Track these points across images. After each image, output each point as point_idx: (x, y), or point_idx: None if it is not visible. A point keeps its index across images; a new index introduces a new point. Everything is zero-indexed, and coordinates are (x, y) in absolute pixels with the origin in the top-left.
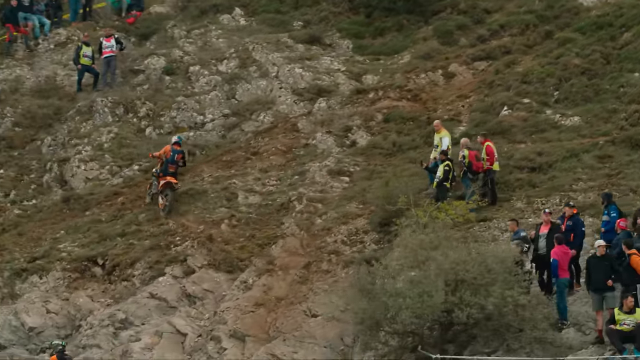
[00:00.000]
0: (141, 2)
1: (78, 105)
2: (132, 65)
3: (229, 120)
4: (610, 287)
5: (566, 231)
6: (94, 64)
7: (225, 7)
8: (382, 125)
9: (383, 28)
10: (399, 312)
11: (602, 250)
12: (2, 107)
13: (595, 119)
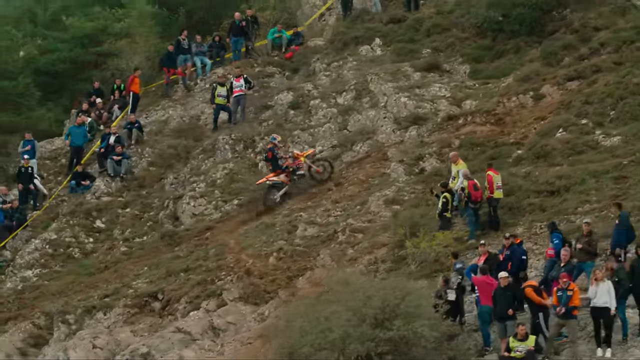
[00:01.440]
0: (300, 37)
1: (205, 143)
2: (266, 100)
3: (335, 151)
4: (511, 316)
5: (504, 260)
6: (228, 102)
7: (366, 38)
8: (447, 152)
9: (503, 51)
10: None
11: (505, 282)
12: (143, 148)
13: (634, 138)
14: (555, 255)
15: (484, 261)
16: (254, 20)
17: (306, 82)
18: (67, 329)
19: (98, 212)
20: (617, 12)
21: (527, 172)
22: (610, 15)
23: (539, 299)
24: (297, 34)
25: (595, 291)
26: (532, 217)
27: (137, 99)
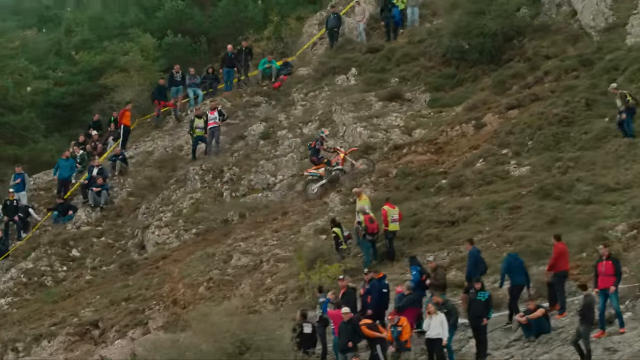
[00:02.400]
0: (289, 66)
1: (178, 174)
2: (242, 131)
3: (292, 180)
4: (351, 348)
5: (364, 295)
6: (206, 133)
7: (343, 68)
8: (389, 180)
9: (463, 79)
10: None
11: (347, 317)
12: (125, 179)
13: (541, 168)
14: (413, 285)
15: (343, 295)
16: (248, 51)
17: (282, 112)
18: (15, 356)
19: (75, 241)
20: (569, 40)
21: (436, 202)
22: (562, 43)
23: (372, 334)
24: (286, 64)
25: (429, 324)
26: (426, 248)
27: (127, 132)
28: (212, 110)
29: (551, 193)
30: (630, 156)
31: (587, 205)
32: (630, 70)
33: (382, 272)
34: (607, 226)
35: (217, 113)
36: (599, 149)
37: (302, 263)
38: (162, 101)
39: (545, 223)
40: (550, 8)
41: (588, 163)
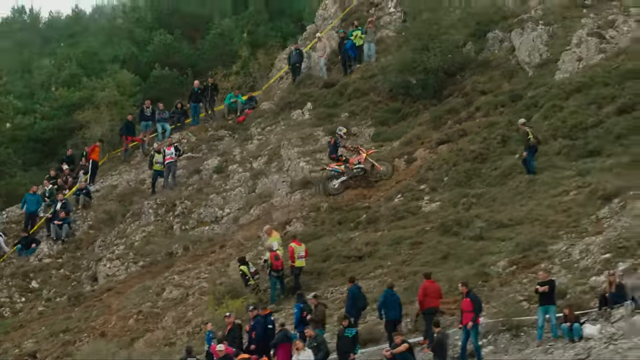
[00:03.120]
0: (254, 101)
1: (135, 207)
2: (198, 165)
3: (237, 214)
4: None
5: (250, 330)
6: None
7: (299, 102)
8: (319, 215)
9: (406, 114)
10: None
11: (221, 353)
12: (88, 212)
13: (449, 204)
14: (295, 322)
15: (229, 331)
16: (214, 87)
17: (238, 147)
18: None
19: (35, 273)
20: (506, 75)
21: (349, 238)
22: (499, 78)
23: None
24: (251, 99)
25: (297, 359)
26: (331, 282)
27: (96, 167)
28: (169, 146)
29: (450, 229)
30: (528, 193)
31: (478, 241)
32: (546, 106)
33: (269, 308)
34: (490, 262)
35: (174, 149)
36: (503, 185)
37: (211, 298)
38: (129, 136)
39: (438, 259)
40: (494, 44)
41: (489, 199)
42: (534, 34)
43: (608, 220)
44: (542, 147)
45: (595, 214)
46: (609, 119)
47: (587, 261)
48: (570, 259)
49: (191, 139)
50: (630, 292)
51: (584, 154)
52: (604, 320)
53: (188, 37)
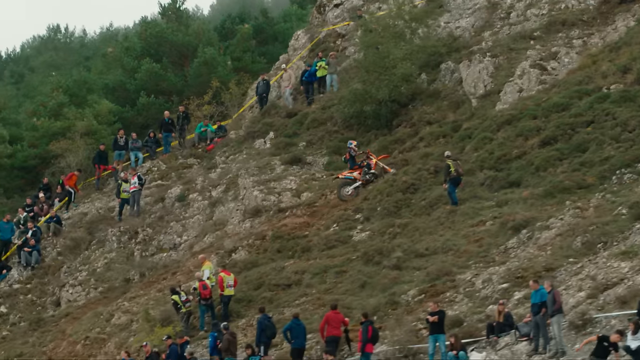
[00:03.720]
0: (223, 130)
1: (101, 234)
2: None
3: (193, 241)
4: None
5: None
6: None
7: (262, 132)
8: (263, 243)
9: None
10: None
11: None
12: (57, 239)
13: (377, 233)
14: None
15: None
16: (185, 116)
17: (201, 175)
18: None
19: (4, 298)
20: (452, 106)
21: (283, 266)
22: (446, 109)
23: None
24: (221, 128)
25: None
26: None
27: (71, 194)
28: (133, 175)
29: (373, 258)
30: (448, 223)
31: (394, 270)
32: (477, 138)
33: (185, 337)
34: (402, 291)
35: (137, 178)
36: (427, 215)
37: (143, 325)
38: (102, 165)
39: (357, 287)
40: (446, 75)
41: (413, 229)
42: (481, 66)
43: (515, 250)
44: (468, 178)
45: (504, 245)
46: (532, 151)
47: (487, 290)
48: (474, 288)
49: (162, 167)
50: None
51: (505, 185)
52: (490, 348)
53: (177, 65)
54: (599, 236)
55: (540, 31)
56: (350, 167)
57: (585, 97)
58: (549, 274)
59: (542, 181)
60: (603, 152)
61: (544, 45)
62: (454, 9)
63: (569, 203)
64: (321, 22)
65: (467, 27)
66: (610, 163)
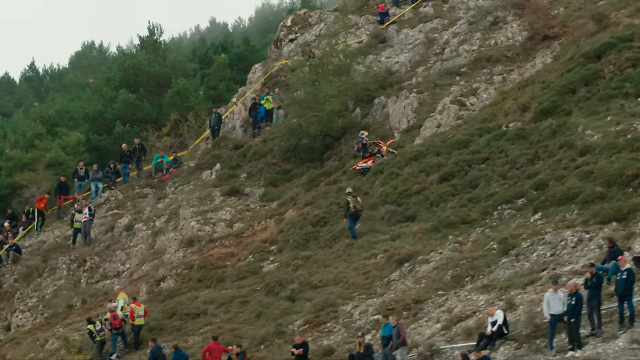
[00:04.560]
0: (179, 161)
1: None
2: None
3: (134, 269)
4: None
5: None
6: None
7: (210, 163)
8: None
9: (293, 176)
10: None
11: None
12: (16, 267)
13: (285, 265)
14: None
15: None
16: (141, 147)
17: (148, 206)
18: None
19: None
20: (381, 138)
21: (196, 296)
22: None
23: None
24: (176, 159)
25: None
26: (167, 338)
27: (42, 215)
28: (85, 206)
29: (273, 289)
30: (345, 256)
31: (288, 301)
32: (386, 173)
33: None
34: (290, 321)
35: (88, 209)
36: (329, 248)
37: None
38: (62, 195)
39: (254, 317)
40: (377, 109)
41: (313, 262)
42: (406, 102)
43: (396, 283)
44: (371, 212)
45: (387, 277)
46: (431, 187)
47: (362, 321)
48: (352, 318)
49: (119, 197)
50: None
51: (402, 219)
52: None
53: (155, 94)
54: (468, 270)
55: (467, 67)
56: (363, 156)
57: (485, 135)
58: (417, 306)
59: (433, 216)
60: (490, 189)
61: (468, 81)
62: (396, 44)
63: (451, 237)
64: (277, 56)
65: (404, 62)
66: (494, 199)
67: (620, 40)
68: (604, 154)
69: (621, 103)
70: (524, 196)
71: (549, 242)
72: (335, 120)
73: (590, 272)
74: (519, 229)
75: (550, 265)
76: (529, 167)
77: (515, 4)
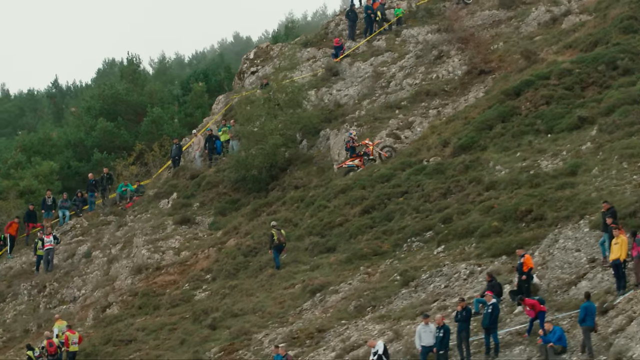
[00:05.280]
0: (142, 188)
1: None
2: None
3: (88, 295)
4: None
5: None
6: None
7: (167, 192)
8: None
9: (240, 205)
10: None
11: None
12: None
13: (214, 294)
14: None
15: None
16: (109, 177)
17: (108, 233)
18: None
19: None
20: (319, 172)
21: (132, 323)
22: (314, 174)
23: None
24: (139, 187)
25: None
26: None
27: (13, 240)
28: (48, 234)
29: (199, 317)
30: (267, 286)
31: (209, 329)
32: (316, 205)
33: None
34: (207, 348)
35: (52, 237)
36: (255, 278)
37: None
38: (31, 223)
39: (177, 344)
40: (322, 141)
41: (238, 291)
42: (346, 134)
43: (307, 312)
44: (297, 243)
45: (301, 307)
46: (353, 219)
47: (270, 349)
48: (262, 346)
49: (84, 224)
50: None
51: (324, 250)
52: None
53: (133, 122)
54: (370, 300)
55: (407, 101)
56: (350, 155)
57: (407, 169)
58: (320, 335)
59: (350, 247)
60: (403, 222)
61: (406, 114)
62: (348, 77)
63: (362, 269)
64: (240, 88)
65: (353, 95)
66: (405, 232)
67: (538, 78)
68: (507, 190)
69: (529, 140)
70: (432, 229)
71: (445, 274)
72: (281, 153)
73: (460, 306)
74: (422, 260)
75: (441, 296)
76: (440, 201)
77: (460, 38)
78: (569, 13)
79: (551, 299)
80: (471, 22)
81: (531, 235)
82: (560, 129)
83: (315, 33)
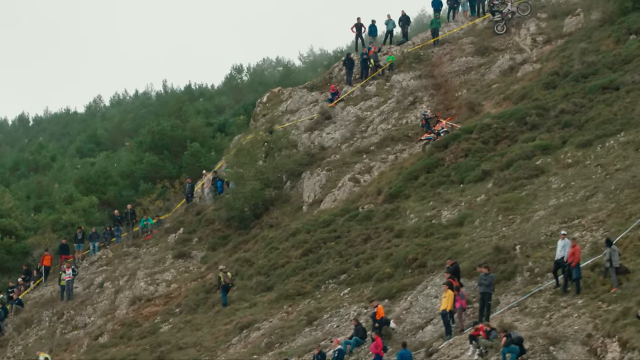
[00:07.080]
0: (161, 223)
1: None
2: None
3: (95, 322)
4: None
5: None
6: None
7: (175, 228)
8: (121, 329)
9: (230, 240)
10: None
11: None
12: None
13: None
14: None
15: None
16: (132, 212)
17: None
18: None
19: None
20: (294, 211)
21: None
22: (289, 214)
23: None
24: (159, 222)
25: None
26: None
27: (47, 270)
28: (68, 268)
29: (155, 349)
30: (213, 321)
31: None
32: (270, 246)
33: None
34: None
35: (72, 270)
36: (206, 314)
37: None
38: (63, 255)
39: None
40: (303, 182)
41: (192, 325)
42: (317, 178)
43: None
44: (246, 282)
45: (229, 342)
46: (293, 260)
47: None
48: None
49: (109, 254)
50: None
51: (264, 289)
52: None
53: (178, 154)
54: (279, 338)
55: (375, 146)
56: (426, 130)
57: (345, 215)
58: None
59: (282, 287)
60: (327, 264)
61: (371, 159)
62: (338, 121)
63: (285, 307)
64: (254, 129)
65: (338, 138)
66: (325, 274)
67: (464, 132)
68: (409, 238)
69: (439, 191)
70: (346, 272)
71: (341, 314)
72: (261, 194)
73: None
74: (330, 301)
75: (328, 336)
76: (360, 247)
77: (435, 84)
78: (524, 62)
79: (402, 340)
80: (449, 68)
81: (410, 281)
82: (469, 181)
83: (321, 77)
